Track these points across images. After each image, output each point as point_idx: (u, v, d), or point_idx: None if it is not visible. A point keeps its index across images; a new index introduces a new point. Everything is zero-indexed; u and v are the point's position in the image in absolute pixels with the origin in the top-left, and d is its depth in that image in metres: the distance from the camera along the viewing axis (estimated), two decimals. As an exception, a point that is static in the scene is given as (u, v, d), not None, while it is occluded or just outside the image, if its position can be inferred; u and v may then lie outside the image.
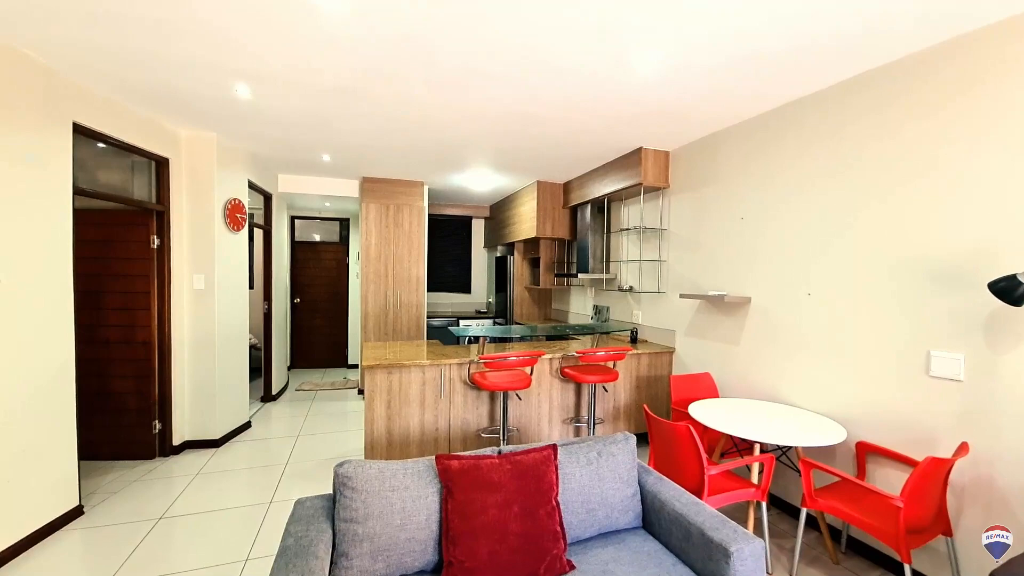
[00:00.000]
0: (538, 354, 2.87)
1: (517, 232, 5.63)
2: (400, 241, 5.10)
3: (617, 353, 3.08)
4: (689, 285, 3.59)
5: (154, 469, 3.24)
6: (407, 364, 2.94)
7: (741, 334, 3.10)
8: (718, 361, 3.29)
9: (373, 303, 5.02)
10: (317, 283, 6.73)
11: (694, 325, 3.53)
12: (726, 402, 2.78)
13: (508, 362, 2.76)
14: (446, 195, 6.02)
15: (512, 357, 2.73)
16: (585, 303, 5.24)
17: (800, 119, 2.69)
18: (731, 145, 3.19)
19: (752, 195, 3.03)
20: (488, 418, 3.22)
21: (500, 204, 6.29)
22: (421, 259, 5.18)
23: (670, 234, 3.82)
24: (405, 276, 5.12)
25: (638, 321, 4.24)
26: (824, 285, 2.55)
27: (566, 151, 3.91)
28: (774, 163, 2.86)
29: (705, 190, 3.44)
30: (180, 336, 3.51)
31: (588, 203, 4.66)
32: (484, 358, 2.75)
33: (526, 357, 2.76)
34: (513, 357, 2.73)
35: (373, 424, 2.93)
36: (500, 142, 3.68)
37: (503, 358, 2.74)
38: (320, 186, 5.17)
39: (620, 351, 3.05)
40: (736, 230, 3.15)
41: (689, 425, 2.12)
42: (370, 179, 5.02)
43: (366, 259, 4.99)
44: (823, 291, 2.55)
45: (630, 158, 3.85)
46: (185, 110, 3.08)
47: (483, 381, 2.84)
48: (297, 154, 4.18)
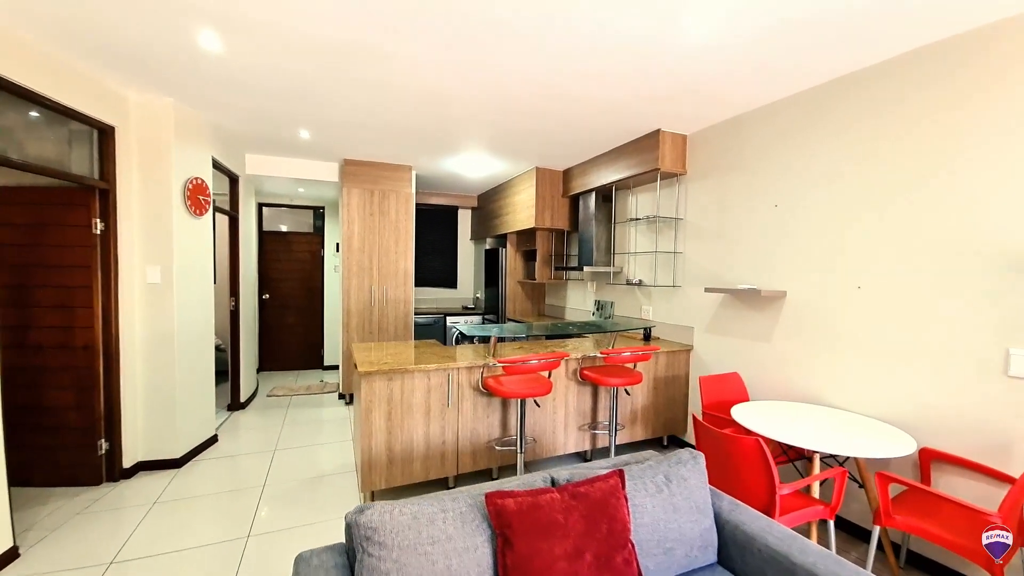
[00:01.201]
0: (561, 356, 2.54)
1: (511, 223, 5.27)
2: (386, 231, 4.64)
3: (644, 354, 2.79)
4: (709, 278, 3.35)
5: (101, 497, 2.71)
6: (410, 369, 2.55)
7: (773, 331, 2.88)
8: (745, 360, 3.06)
9: (356, 299, 4.55)
10: (288, 277, 6.15)
11: (716, 321, 3.30)
12: (767, 405, 2.55)
13: (528, 366, 2.41)
14: (432, 182, 5.58)
15: (533, 360, 2.38)
16: (585, 298, 4.96)
17: (848, 95, 2.46)
18: (761, 127, 2.95)
19: (787, 181, 2.79)
20: (500, 427, 2.87)
21: (491, 193, 5.91)
22: (409, 251, 4.75)
23: (686, 224, 3.57)
24: (391, 269, 4.67)
25: (648, 317, 3.98)
26: (878, 277, 2.34)
27: (578, 134, 3.58)
28: (815, 145, 2.63)
29: (729, 176, 3.19)
30: (131, 338, 2.97)
31: (592, 191, 4.35)
32: (503, 361, 2.39)
33: (548, 360, 2.43)
34: (534, 360, 2.38)
35: (371, 439, 2.52)
36: (507, 121, 3.31)
37: (523, 361, 2.40)
38: (295, 169, 4.63)
39: (646, 351, 2.76)
40: (767, 219, 2.92)
41: (759, 439, 1.85)
42: (353, 162, 4.53)
43: (348, 250, 4.51)
44: (877, 284, 2.34)
45: (645, 142, 3.56)
46: (135, 66, 2.55)
47: (499, 387, 2.49)
48: (271, 129, 3.66)
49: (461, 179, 5.34)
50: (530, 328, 3.53)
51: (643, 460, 1.74)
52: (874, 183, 2.35)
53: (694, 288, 3.49)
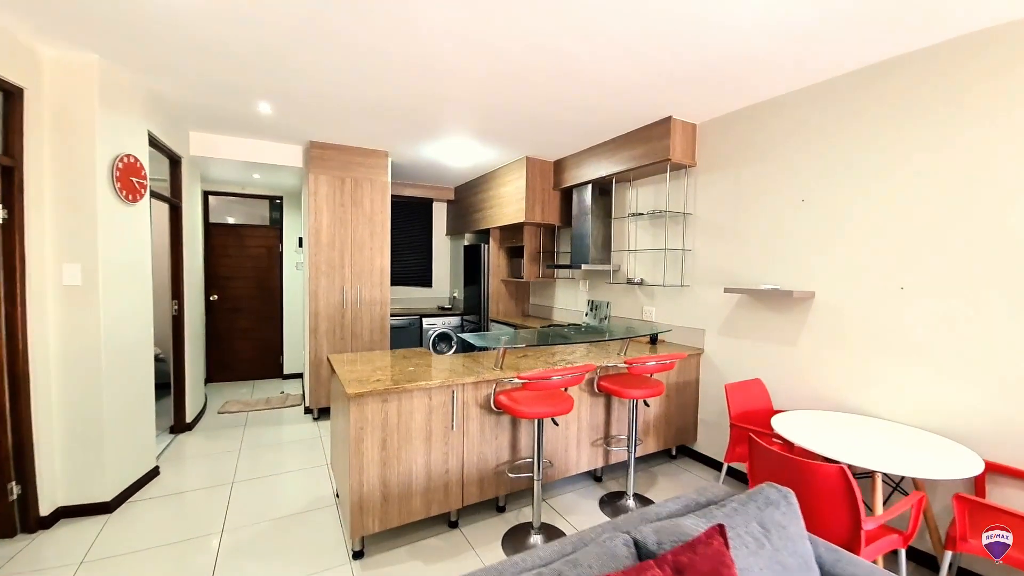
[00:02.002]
0: (587, 368, 2.20)
1: (496, 217, 4.89)
2: (359, 224, 4.13)
3: (670, 362, 2.52)
4: (723, 278, 3.14)
5: (14, 556, 2.11)
6: (409, 388, 2.14)
7: (800, 334, 2.69)
8: (766, 365, 2.87)
9: (325, 300, 4.02)
10: (241, 276, 5.45)
11: (731, 323, 3.09)
12: (805, 416, 2.34)
13: (553, 382, 2.07)
14: (407, 172, 5.10)
15: (557, 376, 2.03)
16: (576, 298, 4.67)
17: (892, 83, 2.29)
18: (786, 116, 2.75)
19: (817, 174, 2.61)
20: (510, 449, 2.51)
21: (471, 185, 5.49)
22: (385, 246, 4.26)
23: (696, 219, 3.34)
24: (366, 267, 4.17)
25: (651, 318, 3.74)
26: (926, 278, 2.18)
27: (580, 119, 3.26)
28: (852, 136, 2.45)
29: (747, 169, 2.99)
30: (43, 354, 2.36)
31: (588, 184, 4.06)
32: (526, 377, 2.03)
33: (575, 374, 2.09)
34: (558, 376, 2.04)
35: (362, 473, 2.09)
36: (503, 101, 2.93)
37: (546, 377, 2.04)
38: (251, 151, 4.02)
39: (672, 358, 2.49)
40: (793, 214, 2.73)
41: (843, 467, 1.60)
42: (321, 145, 3.99)
43: (315, 245, 3.97)
44: (925, 285, 2.18)
45: (655, 130, 3.30)
46: (49, 10, 1.96)
47: (514, 406, 2.13)
48: (223, 100, 3.09)
49: (441, 168, 4.90)
50: (547, 337, 3.17)
51: (714, 497, 1.45)
52: (927, 179, 2.18)
53: (705, 288, 3.28)
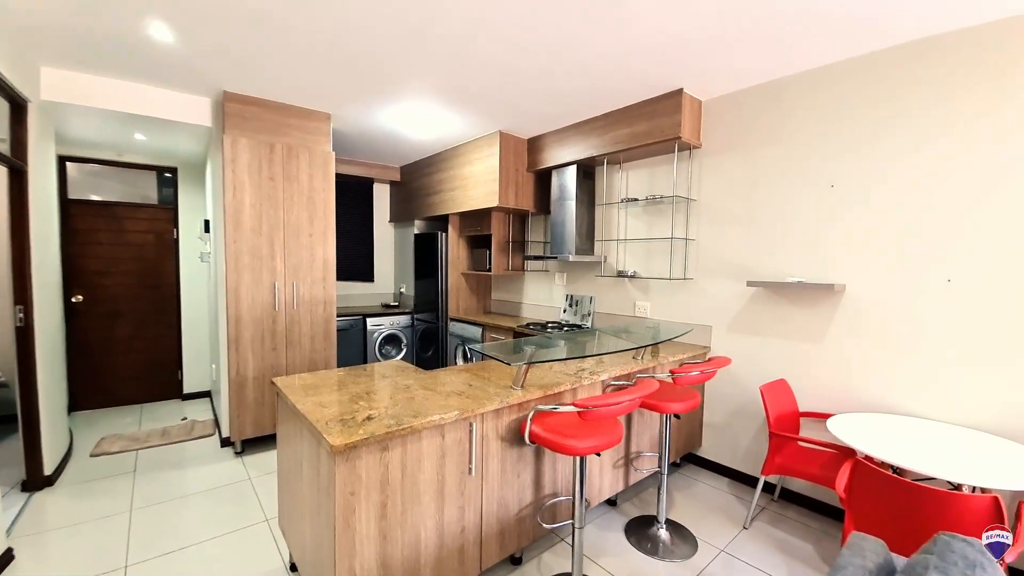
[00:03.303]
0: (649, 386, 1.73)
1: (459, 201, 4.26)
2: (295, 203, 3.27)
3: (714, 369, 2.16)
4: (732, 269, 2.88)
5: None
6: (418, 426, 1.51)
7: (827, 330, 2.50)
8: (787, 364, 2.66)
9: (251, 301, 3.11)
10: (118, 269, 4.19)
11: (744, 319, 2.85)
12: (857, 419, 2.12)
13: (617, 408, 1.57)
14: (347, 144, 4.25)
15: (625, 399, 1.54)
16: (550, 292, 4.23)
17: (936, 58, 2.12)
18: (810, 93, 2.53)
19: (848, 156, 2.41)
20: (532, 487, 1.98)
21: (424, 164, 4.77)
22: (329, 232, 3.44)
23: (700, 206, 3.05)
24: (305, 258, 3.33)
25: (646, 314, 3.42)
26: (979, 269, 2.04)
27: (575, 86, 2.78)
28: (888, 115, 2.27)
29: (763, 151, 2.74)
30: None
31: (571, 166, 3.61)
32: (586, 404, 1.51)
33: (639, 395, 1.60)
34: (626, 399, 1.54)
35: (354, 558, 1.43)
36: (486, 55, 2.36)
37: (610, 403, 1.54)
38: (135, 99, 2.96)
39: (716, 365, 2.13)
40: (819, 201, 2.52)
41: (996, 497, 1.32)
42: (241, 98, 3.06)
43: (234, 230, 3.05)
44: (978, 277, 2.04)
45: (661, 104, 2.93)
46: None
47: (561, 442, 1.61)
48: (95, 18, 2.12)
49: (393, 140, 4.13)
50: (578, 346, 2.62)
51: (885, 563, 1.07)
52: (985, 161, 2.03)
53: (711, 281, 3.01)
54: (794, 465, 2.26)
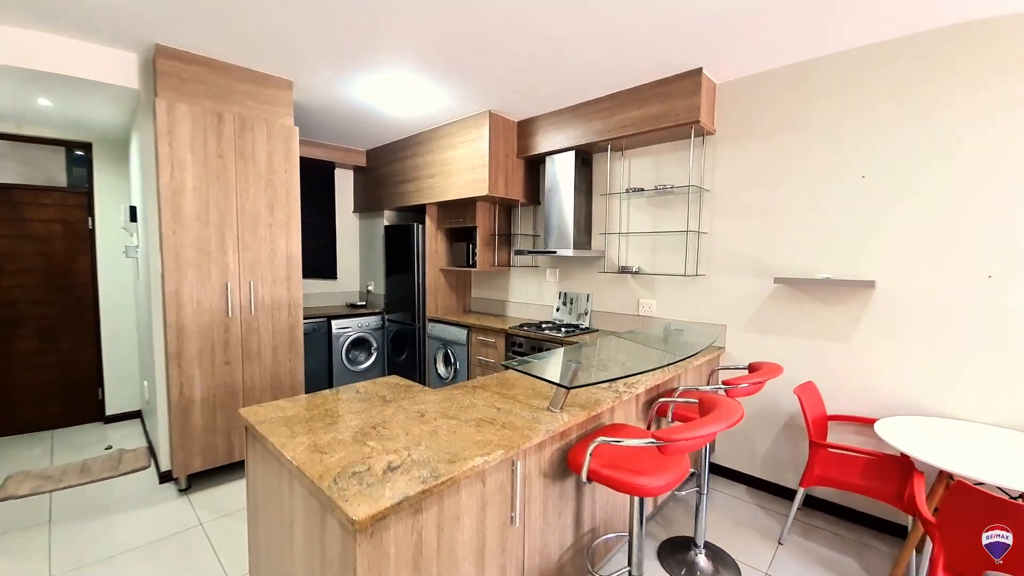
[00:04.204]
0: (733, 412, 1.44)
1: (440, 189, 3.83)
2: (251, 187, 2.72)
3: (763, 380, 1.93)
4: (750, 264, 2.70)
5: None
6: (458, 476, 1.14)
7: (855, 329, 2.37)
8: (811, 365, 2.51)
9: (196, 305, 2.55)
10: (16, 267, 3.40)
11: (763, 318, 2.68)
12: (901, 423, 1.98)
13: (698, 440, 1.26)
14: (307, 120, 3.70)
15: (714, 428, 1.24)
16: (540, 290, 3.91)
17: (981, 42, 2.00)
18: (839, 77, 2.36)
19: (881, 145, 2.27)
20: (573, 524, 1.67)
21: (396, 148, 4.28)
22: (293, 222, 2.92)
23: (714, 197, 2.85)
24: (264, 253, 2.79)
25: (650, 312, 3.19)
26: (1022, 264, 1.95)
27: (583, 57, 2.47)
28: (926, 102, 2.14)
29: (785, 139, 2.56)
30: None
31: (568, 152, 3.30)
32: (671, 437, 1.19)
33: (725, 424, 1.31)
34: (715, 427, 1.25)
35: (379, 663, 1.05)
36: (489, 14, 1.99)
37: (696, 435, 1.23)
38: (37, 52, 2.30)
39: (766, 374, 1.90)
40: (848, 193, 2.37)
41: None
42: (178, 54, 2.47)
43: (173, 219, 2.47)
44: (1021, 272, 1.95)
45: (676, 85, 2.68)
46: None
47: (629, 481, 1.30)
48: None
49: (367, 117, 3.62)
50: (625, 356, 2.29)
51: None
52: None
53: (725, 277, 2.82)
54: (835, 475, 2.10)
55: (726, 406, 1.31)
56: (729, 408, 1.29)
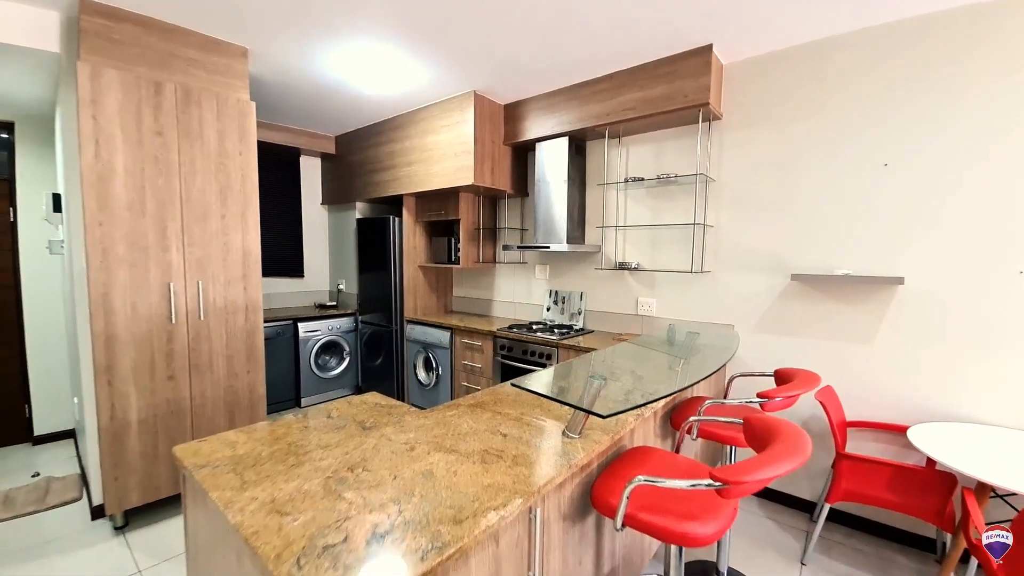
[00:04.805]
0: (801, 444, 1.19)
1: (419, 178, 3.49)
2: (199, 171, 2.33)
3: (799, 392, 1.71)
4: (762, 260, 2.51)
5: None
6: (469, 544, 0.85)
7: (877, 329, 2.20)
8: (823, 366, 2.34)
9: (131, 310, 2.15)
10: (-87, 265, 2.88)
11: (775, 317, 2.49)
12: (936, 430, 1.82)
13: (766, 479, 1.01)
14: (267, 98, 3.30)
15: (786, 466, 0.99)
16: (528, 288, 3.64)
17: (1019, 16, 1.84)
18: (862, 58, 2.18)
19: (906, 131, 2.10)
20: (594, 569, 1.40)
21: (369, 133, 3.91)
22: (251, 212, 2.53)
23: (722, 187, 2.64)
24: (216, 248, 2.40)
25: (650, 312, 2.97)
26: (1064, 258, 1.81)
27: (583, 29, 2.20)
28: (956, 82, 1.98)
29: (799, 124, 2.37)
30: None
31: (561, 138, 3.03)
32: (728, 476, 0.94)
33: (798, 460, 1.06)
34: (788, 465, 1.00)
35: None
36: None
37: (766, 475, 0.98)
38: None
39: (803, 384, 1.68)
40: (869, 183, 2.19)
41: None
42: (106, 9, 2.07)
43: (100, 208, 2.07)
44: (1062, 267, 1.82)
45: (682, 64, 2.45)
46: None
47: (676, 529, 1.05)
48: None
49: (335, 96, 3.25)
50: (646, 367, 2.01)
51: None
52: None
53: (733, 273, 2.62)
54: (865, 490, 1.92)
55: (791, 436, 1.07)
56: (797, 439, 1.05)
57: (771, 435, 1.11)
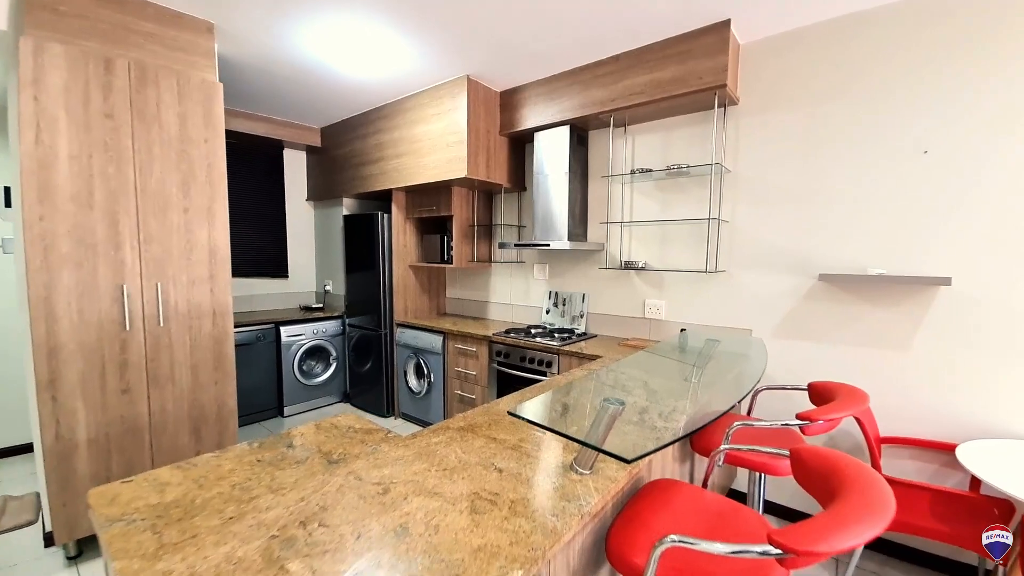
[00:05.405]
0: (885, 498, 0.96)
1: (409, 171, 3.25)
2: (157, 158, 2.08)
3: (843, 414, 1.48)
4: (784, 259, 2.29)
5: None
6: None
7: (915, 334, 1.98)
8: (852, 375, 2.11)
9: (77, 316, 1.90)
10: None
11: (796, 321, 2.27)
12: (990, 449, 1.60)
13: (844, 549, 0.79)
14: (243, 83, 3.04)
15: (869, 528, 0.77)
16: (526, 288, 3.41)
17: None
18: (898, 32, 1.96)
19: (949, 112, 1.88)
20: (605, 633, 1.17)
21: (357, 122, 3.66)
22: (219, 204, 2.28)
23: (738, 179, 2.42)
24: (178, 245, 2.15)
25: (657, 315, 2.74)
26: None
27: (581, 7, 1.97)
28: (1009, 52, 1.76)
29: (826, 109, 2.14)
30: None
31: (562, 126, 2.80)
32: (802, 548, 0.71)
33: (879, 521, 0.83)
34: (870, 529, 0.77)
35: None
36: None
37: (841, 540, 0.75)
38: None
39: (848, 404, 1.45)
40: (907, 172, 1.97)
41: None
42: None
43: (40, 200, 1.81)
44: None
45: (697, 42, 2.22)
46: None
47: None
48: None
49: (317, 81, 3.00)
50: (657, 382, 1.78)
51: None
52: None
53: (750, 273, 2.39)
54: (909, 518, 1.70)
55: (867, 485, 0.84)
56: (876, 491, 0.82)
57: (835, 479, 0.88)
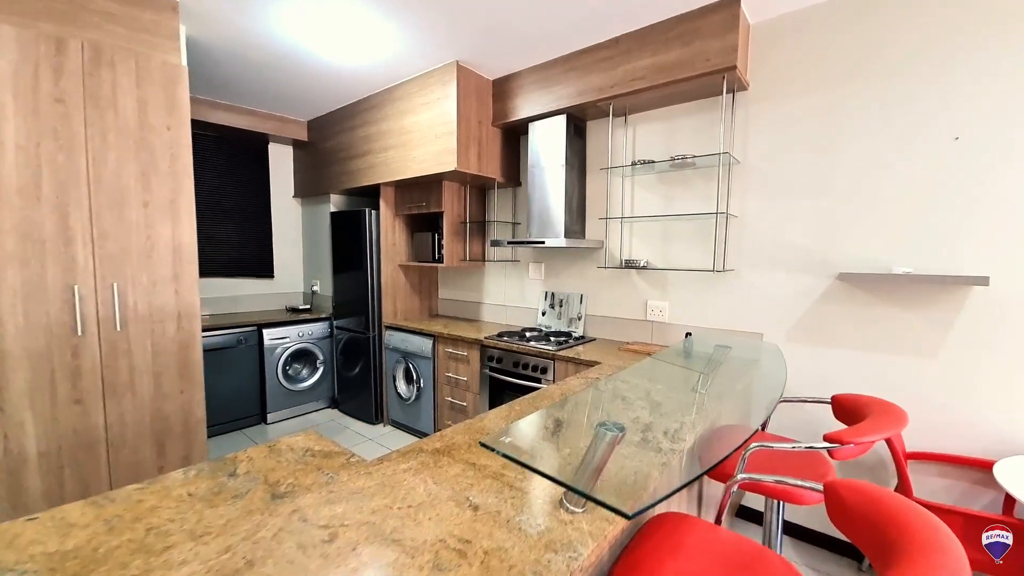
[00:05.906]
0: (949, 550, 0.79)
1: (397, 165, 3.08)
2: (112, 147, 1.90)
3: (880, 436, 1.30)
4: (799, 256, 2.11)
5: None
6: None
7: (943, 341, 1.80)
8: (873, 384, 1.94)
9: (22, 320, 1.73)
10: None
11: (811, 324, 2.09)
12: None
13: None
14: (220, 71, 2.87)
15: None
16: (521, 289, 3.23)
17: None
18: (916, 8, 1.78)
19: (983, 94, 1.70)
20: None
21: (344, 114, 3.49)
22: (184, 198, 2.10)
23: (748, 170, 2.24)
24: (139, 243, 1.98)
25: (661, 318, 2.56)
26: None
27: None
28: (1055, 32, 1.58)
29: (844, 92, 1.96)
30: None
31: (559, 115, 2.63)
32: None
33: None
34: None
35: None
36: None
37: None
38: None
39: (886, 423, 1.27)
40: (936, 161, 1.79)
41: None
42: (-23, -63, 1.64)
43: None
44: None
45: (703, 22, 2.04)
46: None
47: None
48: None
49: (299, 68, 2.82)
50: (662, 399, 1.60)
51: None
52: None
53: (762, 272, 2.22)
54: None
55: (943, 545, 0.66)
56: (957, 564, 0.65)
57: (894, 531, 0.71)
